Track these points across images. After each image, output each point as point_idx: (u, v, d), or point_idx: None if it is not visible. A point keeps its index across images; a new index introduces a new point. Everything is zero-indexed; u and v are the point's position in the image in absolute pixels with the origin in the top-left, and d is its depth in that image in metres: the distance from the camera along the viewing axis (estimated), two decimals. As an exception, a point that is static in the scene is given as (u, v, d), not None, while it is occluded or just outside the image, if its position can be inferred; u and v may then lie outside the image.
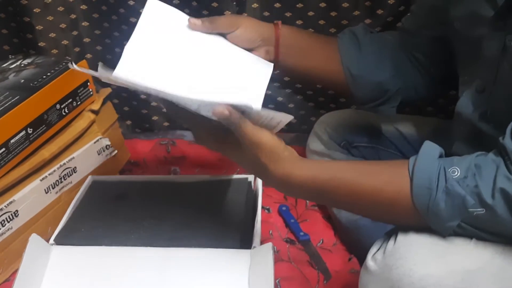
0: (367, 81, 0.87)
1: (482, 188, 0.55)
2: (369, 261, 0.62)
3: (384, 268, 0.59)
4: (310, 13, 1.07)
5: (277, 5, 1.07)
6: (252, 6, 1.07)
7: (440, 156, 0.59)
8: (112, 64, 1.14)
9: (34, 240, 0.71)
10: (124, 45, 1.10)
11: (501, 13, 0.64)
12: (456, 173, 0.56)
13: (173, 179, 0.96)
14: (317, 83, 1.08)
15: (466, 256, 0.57)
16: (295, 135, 1.21)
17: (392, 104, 0.89)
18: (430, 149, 0.59)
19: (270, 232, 0.97)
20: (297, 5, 1.06)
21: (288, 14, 1.07)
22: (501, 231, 0.57)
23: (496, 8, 0.64)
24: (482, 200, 0.55)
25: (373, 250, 0.63)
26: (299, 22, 1.08)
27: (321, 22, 1.07)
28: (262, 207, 0.99)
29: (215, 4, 1.04)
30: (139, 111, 1.21)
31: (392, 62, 0.87)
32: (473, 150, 0.60)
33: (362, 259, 0.66)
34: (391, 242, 0.61)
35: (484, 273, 0.56)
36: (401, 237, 0.60)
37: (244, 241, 0.77)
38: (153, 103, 1.20)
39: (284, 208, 1.03)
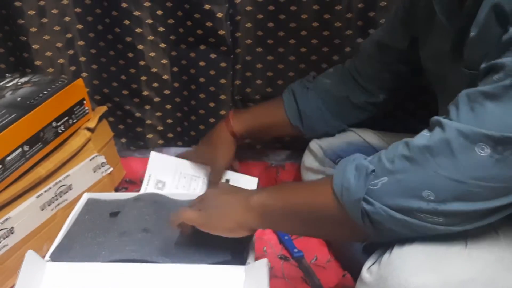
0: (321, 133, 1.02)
1: (383, 157, 0.59)
2: (365, 273, 0.63)
3: (380, 280, 0.60)
4: (303, 33, 1.09)
5: (270, 24, 1.09)
6: (246, 25, 1.09)
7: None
8: (107, 82, 1.17)
9: (30, 256, 0.71)
10: (120, 64, 1.13)
11: (456, 46, 0.67)
12: (368, 158, 0.61)
13: (167, 194, 0.96)
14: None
15: (460, 266, 0.58)
16: (290, 152, 1.22)
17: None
18: (354, 155, 0.64)
19: (264, 249, 0.97)
20: (290, 25, 1.08)
21: (281, 34, 1.09)
22: (405, 205, 0.56)
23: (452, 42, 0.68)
24: (383, 167, 0.58)
25: (368, 263, 0.64)
26: (292, 41, 1.10)
27: (314, 41, 1.09)
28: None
29: (209, 24, 1.05)
30: (133, 128, 1.22)
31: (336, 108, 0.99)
32: None
33: (356, 276, 0.66)
34: (386, 255, 0.62)
35: (477, 283, 0.57)
36: (396, 249, 0.61)
37: (238, 258, 0.78)
38: (148, 121, 1.21)
39: (278, 225, 1.04)
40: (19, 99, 0.93)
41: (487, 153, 0.52)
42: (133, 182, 1.18)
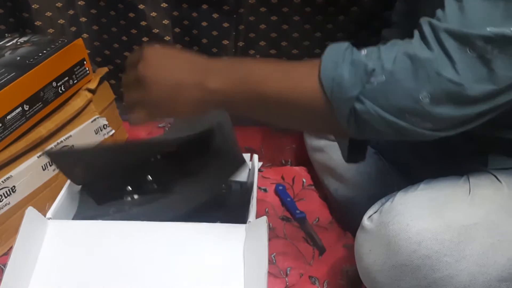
0: None
1: (384, 55, 0.54)
2: (365, 221, 0.63)
3: (381, 226, 0.60)
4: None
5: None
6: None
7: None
8: (108, 43, 1.15)
9: (31, 213, 0.71)
10: (121, 25, 1.11)
11: None
12: (364, 52, 0.55)
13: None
14: None
15: (462, 212, 0.58)
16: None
17: None
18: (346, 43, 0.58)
19: (266, 210, 0.97)
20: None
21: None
22: (399, 106, 0.53)
23: None
24: (383, 66, 0.53)
25: (369, 212, 0.64)
26: (296, 0, 1.07)
27: (319, 0, 1.07)
28: (259, 188, 1.00)
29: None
30: (136, 91, 1.21)
31: None
32: None
33: (357, 236, 0.66)
34: (388, 203, 0.62)
35: (479, 228, 0.57)
36: (398, 197, 0.61)
37: (240, 217, 0.78)
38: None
39: (280, 188, 1.03)
40: (18, 58, 0.92)
41: (477, 52, 0.51)
42: (135, 144, 1.17)
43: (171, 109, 0.63)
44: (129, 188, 0.82)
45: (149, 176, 0.83)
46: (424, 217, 0.58)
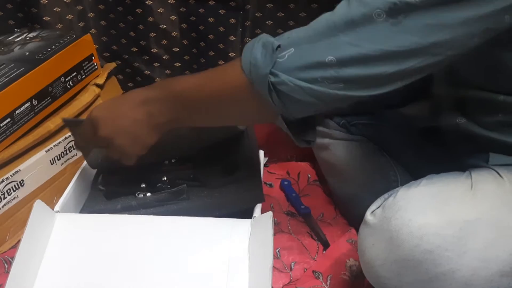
0: None
1: (292, 32, 0.61)
2: (368, 216, 0.64)
3: (383, 220, 0.61)
4: None
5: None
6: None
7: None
8: (116, 38, 1.16)
9: (39, 206, 0.72)
10: (128, 20, 1.12)
11: None
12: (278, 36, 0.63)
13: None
14: None
15: (465, 207, 0.58)
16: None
17: None
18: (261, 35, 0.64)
19: (271, 205, 0.98)
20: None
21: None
22: (309, 72, 0.58)
23: None
24: (290, 39, 0.60)
25: (372, 207, 0.65)
26: None
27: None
28: (264, 183, 1.01)
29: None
30: (143, 86, 1.22)
31: None
32: None
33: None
34: (391, 198, 0.62)
35: (481, 223, 0.57)
36: (401, 192, 0.62)
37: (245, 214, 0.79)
38: (157, 79, 1.20)
39: (286, 183, 1.04)
40: (27, 53, 0.93)
41: (383, 18, 0.55)
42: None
43: (134, 141, 0.71)
44: (143, 185, 0.83)
45: (165, 177, 0.83)
46: (426, 212, 0.58)
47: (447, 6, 0.54)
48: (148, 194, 0.82)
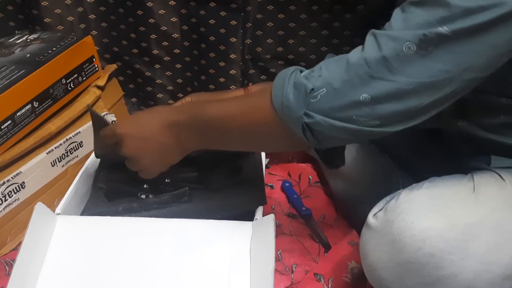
0: None
1: (324, 69, 0.61)
2: (370, 219, 0.64)
3: (386, 224, 0.61)
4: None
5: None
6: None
7: (300, 69, 0.64)
8: (117, 40, 1.16)
9: (40, 208, 0.72)
10: (129, 22, 1.12)
11: None
12: (305, 72, 0.63)
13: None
14: None
15: (467, 211, 0.58)
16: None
17: None
18: (290, 68, 0.65)
19: (273, 207, 0.98)
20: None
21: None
22: (344, 112, 0.58)
23: None
24: (322, 80, 0.60)
25: (374, 210, 0.65)
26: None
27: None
28: (266, 184, 1.01)
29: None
30: (144, 88, 1.22)
31: None
32: None
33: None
34: (393, 200, 0.62)
35: (484, 227, 0.57)
36: (403, 195, 0.62)
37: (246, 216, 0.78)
38: (158, 81, 1.20)
39: (287, 184, 1.04)
40: (28, 55, 0.93)
41: (414, 50, 0.55)
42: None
43: (156, 162, 0.75)
44: (146, 185, 0.83)
45: (168, 179, 0.83)
46: (429, 215, 0.58)
47: (477, 35, 0.54)
48: (150, 195, 0.81)
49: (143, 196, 0.81)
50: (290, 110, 0.61)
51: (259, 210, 0.78)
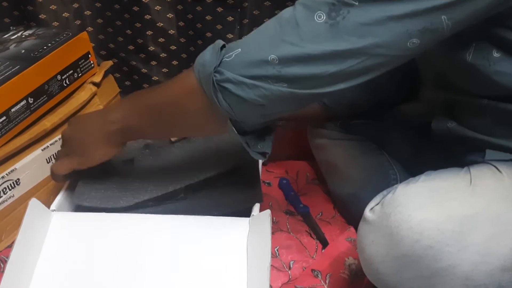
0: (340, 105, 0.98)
1: (243, 39, 0.63)
2: (367, 213, 0.63)
3: (383, 217, 0.60)
4: None
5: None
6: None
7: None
8: (113, 36, 1.15)
9: (34, 204, 0.71)
10: (125, 18, 1.11)
11: None
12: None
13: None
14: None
15: (464, 202, 0.58)
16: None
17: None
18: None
19: (270, 204, 0.98)
20: None
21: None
22: (254, 70, 0.60)
23: None
24: (238, 41, 0.63)
25: (371, 204, 0.64)
26: None
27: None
28: (263, 181, 1.00)
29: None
30: (140, 85, 1.21)
31: None
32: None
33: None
34: (390, 194, 0.62)
35: (481, 218, 0.57)
36: (400, 188, 0.62)
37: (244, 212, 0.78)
38: (155, 77, 1.20)
39: (284, 181, 1.04)
40: (23, 51, 0.92)
41: (323, 19, 0.57)
42: (140, 138, 1.17)
43: (84, 148, 0.75)
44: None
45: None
46: (426, 208, 0.58)
47: (383, 3, 0.55)
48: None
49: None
50: (205, 68, 0.62)
51: (256, 207, 0.78)
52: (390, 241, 0.58)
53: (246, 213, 0.77)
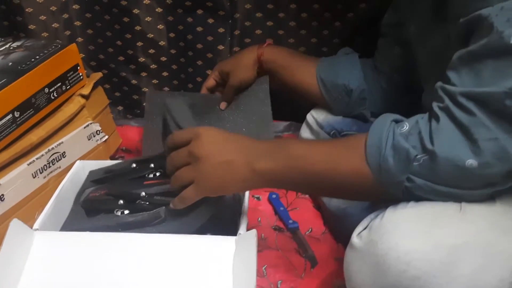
0: (334, 84, 0.97)
1: (424, 134, 0.57)
2: (354, 239, 0.62)
3: (369, 244, 0.59)
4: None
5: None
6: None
7: (395, 119, 0.62)
8: (103, 47, 1.14)
9: (16, 225, 0.70)
10: (115, 29, 1.10)
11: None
12: (404, 127, 0.59)
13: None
14: (298, 96, 1.05)
15: (452, 230, 0.56)
16: (289, 123, 1.20)
17: (361, 107, 0.97)
18: (386, 115, 0.62)
19: (259, 219, 0.96)
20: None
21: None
22: (449, 177, 0.57)
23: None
24: (423, 146, 0.57)
25: (358, 228, 0.63)
26: (292, 6, 1.07)
27: (315, 6, 1.06)
28: (252, 196, 0.99)
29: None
30: (130, 96, 1.20)
31: (360, 69, 0.97)
32: None
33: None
34: (377, 219, 0.61)
35: (470, 247, 0.55)
36: (388, 213, 0.60)
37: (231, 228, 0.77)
38: (144, 89, 1.18)
39: (274, 196, 1.02)
40: (10, 63, 0.91)
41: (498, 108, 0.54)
42: (129, 150, 1.16)
43: (221, 184, 0.68)
44: (121, 202, 0.80)
45: (143, 192, 0.81)
46: (414, 236, 0.56)
47: None
48: (126, 211, 0.79)
49: (119, 213, 0.79)
50: (390, 174, 0.59)
51: (243, 224, 0.77)
52: (377, 270, 0.57)
53: (233, 232, 0.75)
